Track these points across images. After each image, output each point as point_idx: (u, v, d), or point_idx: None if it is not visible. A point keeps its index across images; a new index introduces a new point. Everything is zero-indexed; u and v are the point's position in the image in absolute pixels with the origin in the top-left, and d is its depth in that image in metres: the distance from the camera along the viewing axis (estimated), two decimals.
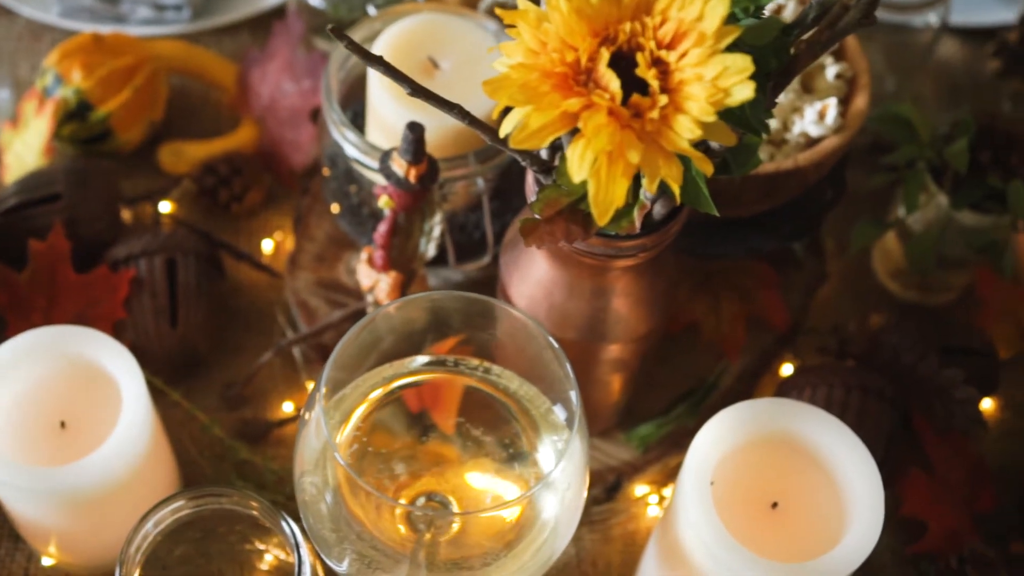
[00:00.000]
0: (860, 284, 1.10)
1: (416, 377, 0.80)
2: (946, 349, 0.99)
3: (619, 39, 0.62)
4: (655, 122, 0.61)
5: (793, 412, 0.80)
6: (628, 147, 0.60)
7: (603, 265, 0.78)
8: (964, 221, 0.99)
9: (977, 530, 0.98)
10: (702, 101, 0.60)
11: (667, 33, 0.61)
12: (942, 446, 0.98)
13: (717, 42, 0.60)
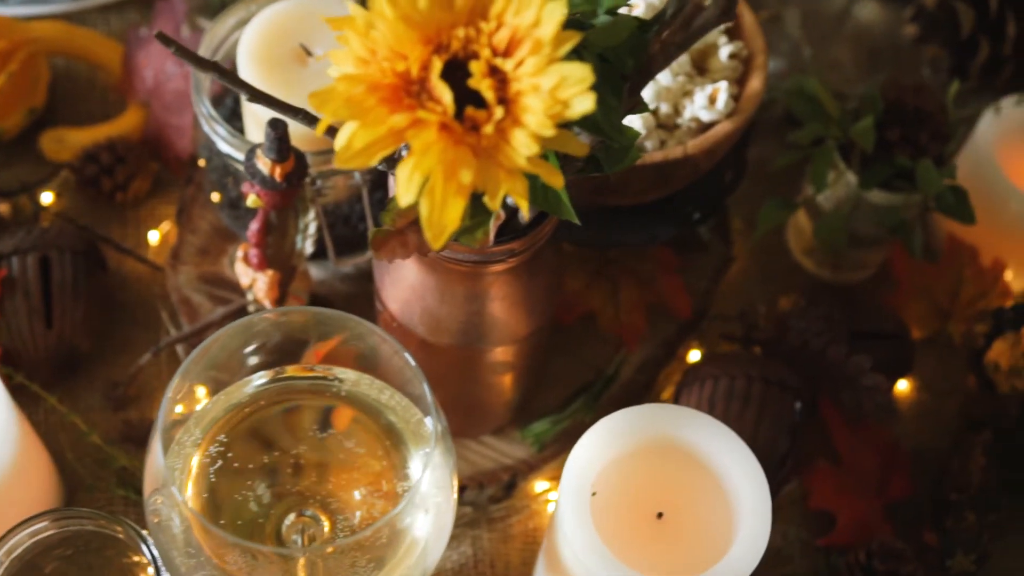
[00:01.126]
0: (774, 262, 1.07)
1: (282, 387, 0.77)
2: (857, 334, 0.96)
3: (453, 46, 0.57)
4: (491, 137, 0.56)
5: (678, 418, 0.76)
6: (461, 165, 0.56)
7: (473, 271, 0.74)
8: (874, 200, 0.96)
9: (890, 519, 0.95)
10: (540, 114, 0.56)
11: (503, 40, 0.57)
12: (851, 435, 0.95)
13: (555, 50, 0.55)
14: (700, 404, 0.90)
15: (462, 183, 0.56)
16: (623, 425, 0.76)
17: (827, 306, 0.96)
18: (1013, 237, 1.03)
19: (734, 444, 0.76)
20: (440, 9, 0.57)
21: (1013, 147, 1.03)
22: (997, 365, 0.95)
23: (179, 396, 0.70)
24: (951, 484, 0.94)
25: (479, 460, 0.92)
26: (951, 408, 1.02)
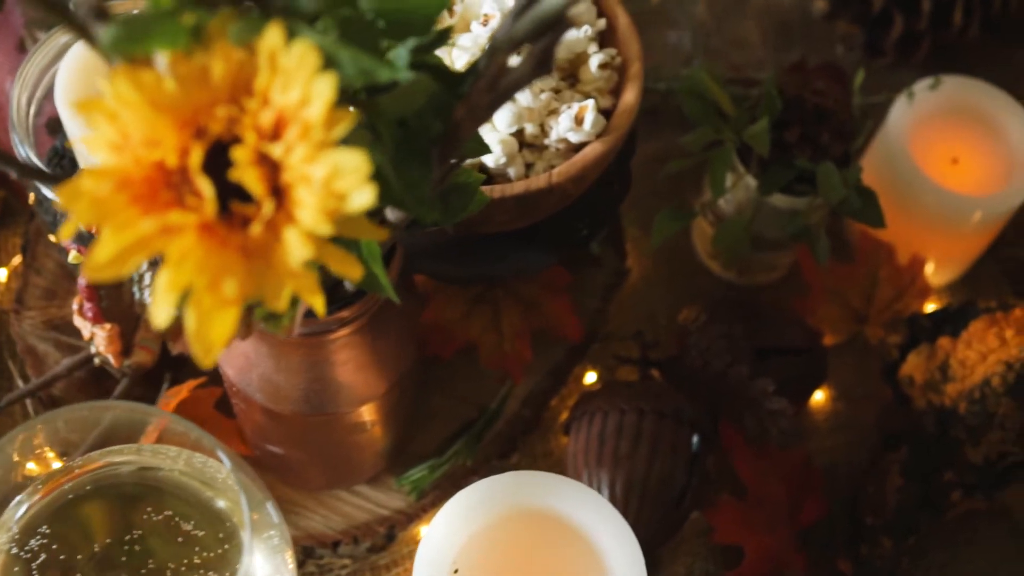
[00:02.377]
0: (679, 265, 0.99)
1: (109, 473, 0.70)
2: (762, 351, 0.88)
3: (215, 129, 0.49)
4: (262, 237, 0.48)
5: (541, 485, 0.70)
6: (225, 274, 0.48)
7: (306, 341, 0.66)
8: (777, 203, 0.88)
9: (803, 547, 0.88)
10: (314, 209, 0.48)
11: (269, 121, 0.49)
12: (757, 461, 0.88)
13: (326, 133, 0.47)
14: (589, 441, 0.83)
15: (227, 295, 0.48)
16: (482, 497, 0.69)
17: (728, 322, 0.88)
18: (931, 232, 0.95)
19: (602, 508, 0.70)
20: (195, 87, 0.49)
21: (928, 135, 0.95)
22: (912, 379, 0.88)
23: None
24: (866, 507, 0.87)
25: (353, 512, 0.85)
26: (868, 418, 0.95)
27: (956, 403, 0.86)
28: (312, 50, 0.47)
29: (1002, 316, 0.87)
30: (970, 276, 1.01)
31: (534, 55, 0.51)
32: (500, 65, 0.51)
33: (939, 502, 0.87)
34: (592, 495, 0.70)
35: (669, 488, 0.82)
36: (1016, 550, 0.92)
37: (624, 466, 0.81)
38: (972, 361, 0.86)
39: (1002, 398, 0.84)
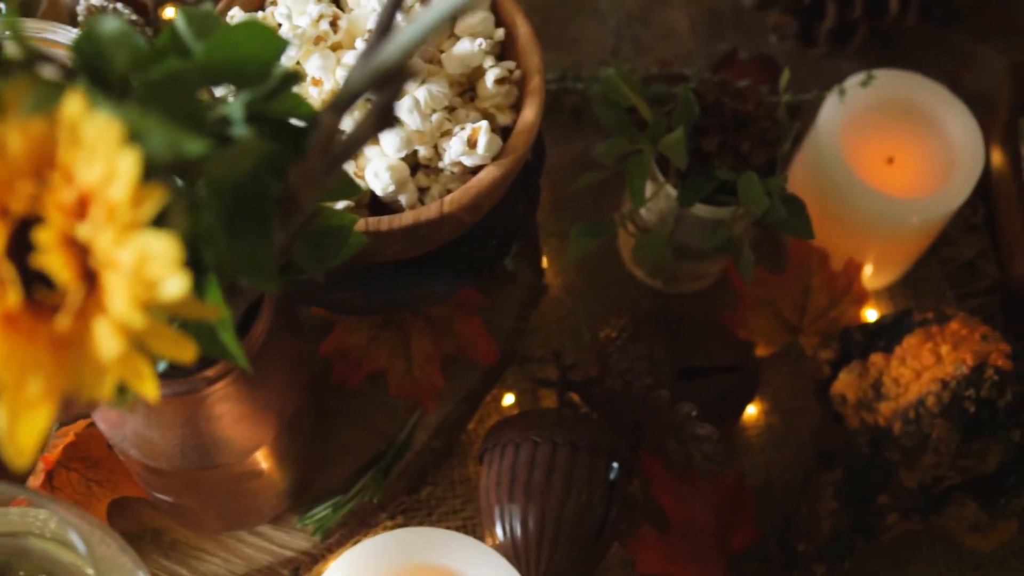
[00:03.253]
0: (605, 274, 0.94)
1: None
2: (687, 371, 0.84)
3: (17, 208, 0.44)
4: (71, 327, 0.44)
5: (433, 542, 0.65)
6: (32, 370, 0.43)
7: (171, 399, 0.62)
8: (699, 213, 0.83)
9: (736, 574, 0.84)
10: (124, 298, 0.43)
11: (74, 198, 0.44)
12: (681, 489, 0.83)
13: (134, 212, 0.42)
14: (501, 475, 0.78)
15: (34, 393, 0.43)
16: (369, 559, 0.65)
17: (650, 341, 0.84)
18: (867, 236, 0.90)
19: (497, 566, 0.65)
20: None
21: (861, 134, 0.90)
22: (844, 397, 0.84)
23: None
24: (798, 532, 0.83)
25: (254, 554, 0.80)
26: (804, 432, 0.91)
27: (890, 423, 0.82)
28: (113, 122, 0.42)
29: (937, 330, 0.82)
30: (911, 278, 0.96)
31: (374, 111, 0.46)
32: (329, 128, 0.46)
33: (874, 525, 0.83)
34: (485, 552, 0.65)
35: (586, 522, 0.78)
36: (958, 568, 0.88)
37: (537, 501, 0.77)
38: (906, 379, 0.82)
39: (936, 420, 0.79)
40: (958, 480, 0.81)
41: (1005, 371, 0.80)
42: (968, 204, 0.97)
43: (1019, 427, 0.80)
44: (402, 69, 0.45)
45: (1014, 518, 0.84)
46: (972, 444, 0.81)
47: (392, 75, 0.45)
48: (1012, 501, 0.82)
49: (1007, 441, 0.80)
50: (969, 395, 0.79)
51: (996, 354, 0.81)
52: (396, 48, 0.45)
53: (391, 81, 0.45)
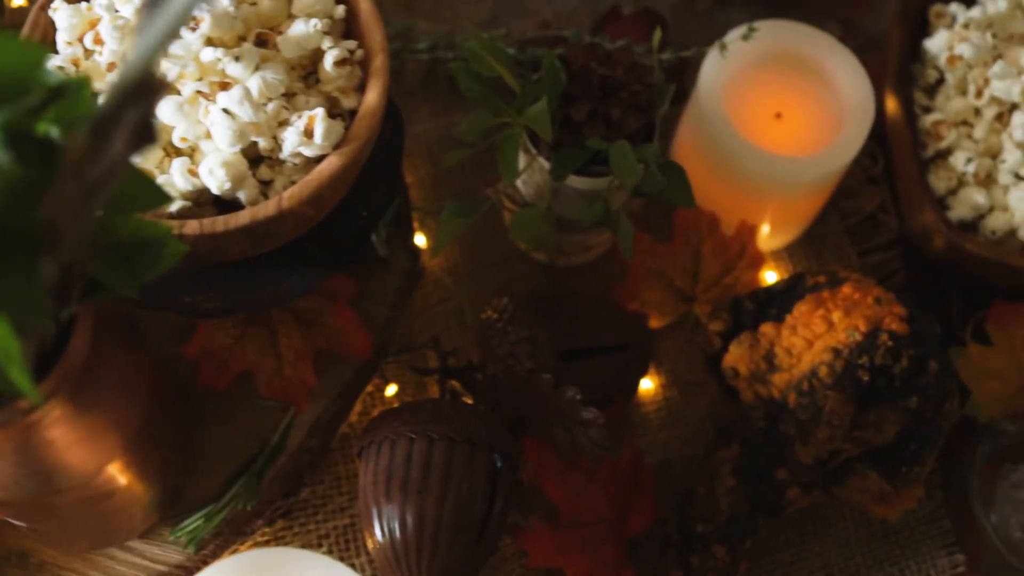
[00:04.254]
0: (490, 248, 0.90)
1: None
2: (574, 352, 0.80)
3: None
4: None
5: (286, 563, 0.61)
6: None
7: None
8: (575, 185, 0.79)
9: (633, 559, 0.81)
10: None
11: None
12: (571, 476, 0.80)
13: None
14: (378, 474, 0.75)
15: None
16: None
17: (531, 323, 0.80)
18: (758, 197, 0.86)
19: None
20: None
21: (745, 90, 0.86)
22: (736, 371, 0.80)
23: None
24: (697, 513, 0.80)
25: (126, 571, 0.76)
26: (704, 405, 0.87)
27: (785, 395, 0.78)
28: None
29: (829, 295, 0.79)
30: (812, 235, 0.92)
31: (129, 129, 0.42)
32: (74, 153, 0.41)
33: (775, 502, 0.80)
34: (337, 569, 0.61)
35: (467, 520, 0.74)
36: (868, 537, 0.85)
37: (415, 500, 0.73)
38: (798, 349, 0.78)
39: (828, 391, 0.76)
40: (855, 452, 0.78)
41: (900, 336, 0.77)
42: (867, 154, 0.93)
43: (916, 393, 0.77)
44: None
45: (919, 485, 0.81)
46: (868, 414, 0.77)
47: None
48: (914, 469, 0.79)
49: (904, 409, 0.77)
50: (863, 363, 0.76)
51: (890, 318, 0.77)
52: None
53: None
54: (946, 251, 0.86)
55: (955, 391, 0.79)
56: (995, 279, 0.86)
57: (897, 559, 0.85)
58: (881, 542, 0.85)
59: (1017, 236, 0.85)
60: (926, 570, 0.84)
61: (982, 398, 0.87)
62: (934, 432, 0.79)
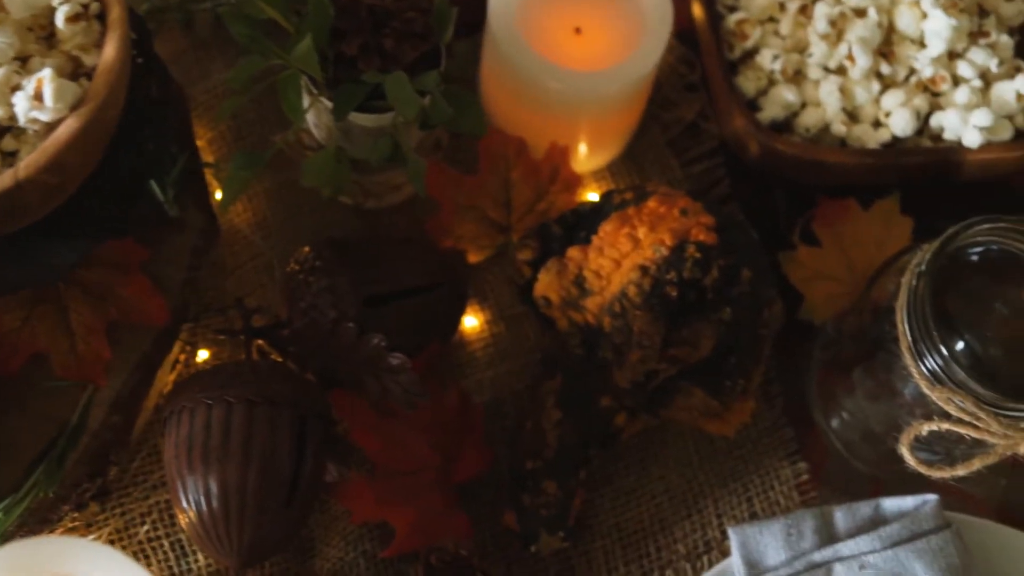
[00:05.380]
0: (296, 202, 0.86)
1: None
2: (380, 297, 0.77)
3: None
4: None
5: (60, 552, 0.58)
6: None
7: None
8: (361, 122, 0.75)
9: (465, 504, 0.79)
10: None
11: None
12: (389, 427, 0.77)
13: None
14: (179, 445, 0.72)
15: None
16: None
17: (331, 272, 0.76)
18: (566, 116, 0.83)
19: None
20: None
21: (541, 7, 0.82)
22: (548, 300, 0.77)
23: None
24: (525, 449, 0.77)
25: None
26: (531, 338, 0.84)
27: (599, 320, 0.76)
28: None
29: (634, 212, 0.76)
30: (633, 150, 0.89)
31: None
32: None
33: (604, 430, 0.77)
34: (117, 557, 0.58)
35: (275, 483, 0.71)
36: (711, 454, 0.83)
37: (216, 469, 0.70)
38: (607, 270, 0.75)
39: (636, 311, 0.73)
40: (673, 371, 0.75)
41: (708, 246, 0.74)
42: (684, 61, 0.90)
43: (729, 304, 0.75)
44: None
45: (749, 398, 0.79)
46: (682, 330, 0.75)
47: None
48: (739, 382, 0.77)
49: (718, 322, 0.75)
50: (671, 278, 0.73)
51: (697, 229, 0.75)
52: None
53: None
54: (761, 155, 0.83)
55: (774, 297, 0.77)
56: (813, 178, 0.84)
57: (740, 474, 0.82)
58: (724, 458, 0.83)
59: (831, 131, 0.83)
60: (769, 482, 0.82)
61: (815, 301, 0.85)
62: (754, 342, 0.77)
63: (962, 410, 0.68)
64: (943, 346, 0.67)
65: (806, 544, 0.75)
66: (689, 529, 0.81)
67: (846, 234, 0.85)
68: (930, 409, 0.70)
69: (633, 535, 0.81)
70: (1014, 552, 0.77)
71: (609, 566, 0.80)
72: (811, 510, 0.76)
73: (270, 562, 0.78)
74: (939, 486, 0.81)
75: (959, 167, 0.82)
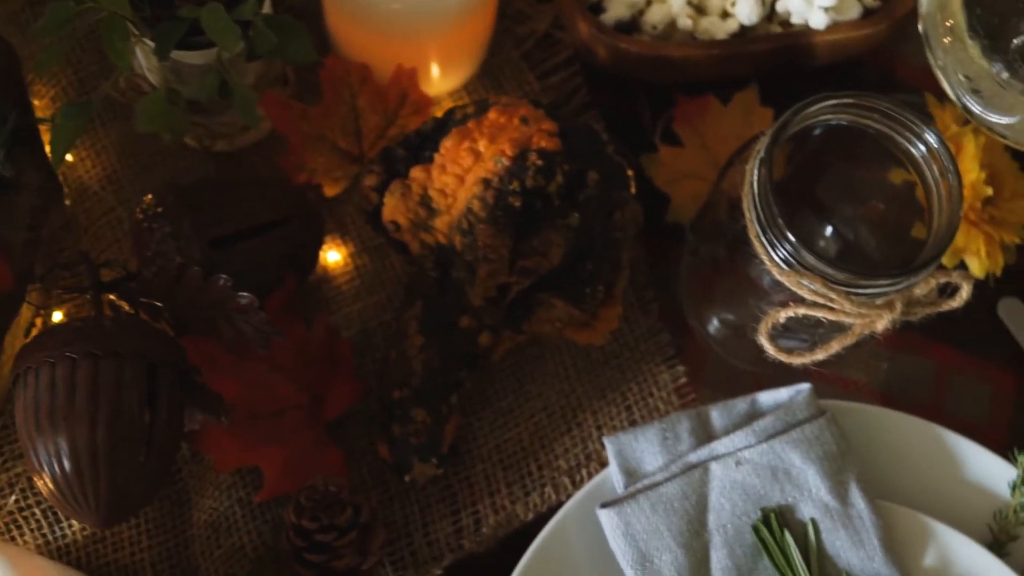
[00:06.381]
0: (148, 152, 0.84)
1: None
2: (220, 242, 0.75)
3: None
4: None
5: None
6: None
7: None
8: (186, 60, 0.73)
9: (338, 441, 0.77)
10: None
11: None
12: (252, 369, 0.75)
13: None
14: (27, 409, 0.70)
15: None
16: None
17: (174, 217, 0.74)
18: (410, 37, 0.81)
19: None
20: None
21: None
22: (397, 224, 0.76)
23: None
24: (392, 379, 0.76)
25: None
26: (398, 267, 0.83)
27: (451, 239, 0.74)
28: None
29: (475, 125, 0.74)
30: (489, 67, 0.87)
31: None
32: None
33: (470, 352, 0.76)
34: None
35: (127, 438, 0.69)
36: (588, 365, 0.82)
37: (64, 429, 0.68)
38: (452, 187, 0.74)
39: (480, 226, 0.71)
40: (526, 283, 0.74)
41: (551, 152, 0.72)
42: None
43: (576, 209, 0.73)
44: None
45: (615, 303, 0.77)
46: (531, 240, 0.73)
47: None
48: (598, 288, 0.75)
49: (567, 228, 0.73)
50: (514, 188, 0.72)
51: (538, 136, 0.73)
52: None
53: None
54: (609, 57, 0.81)
55: (627, 199, 0.75)
56: (666, 76, 0.82)
57: (618, 384, 0.81)
58: (601, 370, 0.81)
59: (678, 27, 0.81)
60: (648, 388, 0.81)
61: (682, 201, 0.83)
62: (609, 246, 0.75)
63: (815, 293, 0.66)
64: (790, 232, 0.65)
65: (683, 446, 0.74)
66: (570, 444, 0.80)
67: (707, 131, 0.83)
68: (787, 297, 0.69)
69: (514, 456, 0.79)
70: (897, 434, 0.76)
71: (491, 489, 0.79)
72: (687, 412, 0.75)
73: (145, 519, 0.77)
74: (824, 377, 0.81)
75: (810, 50, 0.81)
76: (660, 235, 0.84)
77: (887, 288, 0.66)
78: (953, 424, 0.78)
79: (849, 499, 0.72)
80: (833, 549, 0.72)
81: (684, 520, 0.71)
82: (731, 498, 0.72)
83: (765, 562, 0.72)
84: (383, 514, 0.78)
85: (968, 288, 0.67)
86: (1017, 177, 0.83)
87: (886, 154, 0.71)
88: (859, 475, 0.73)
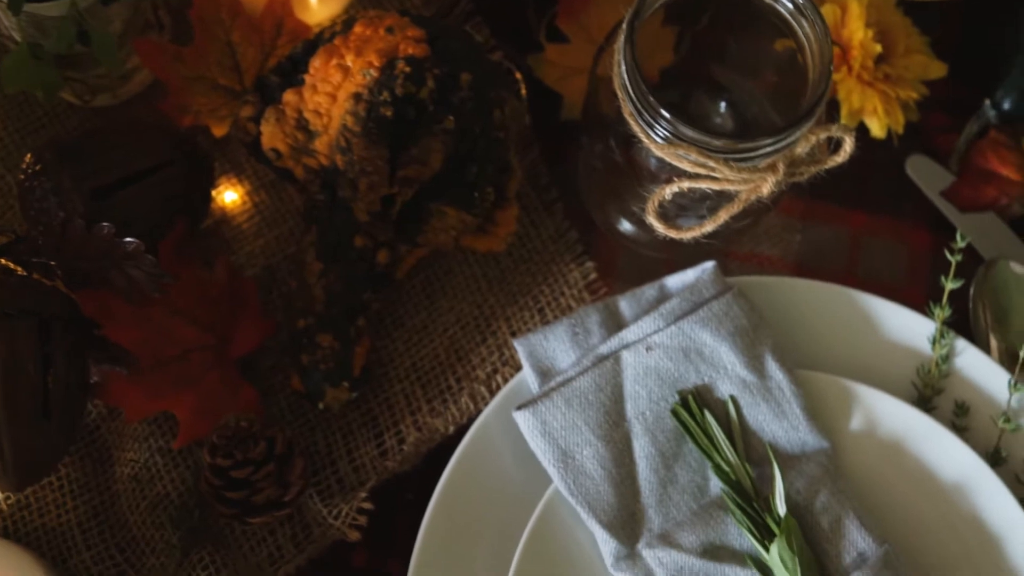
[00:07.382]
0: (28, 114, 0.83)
1: None
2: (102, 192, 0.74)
3: None
4: None
5: None
6: None
7: None
8: (40, 12, 0.72)
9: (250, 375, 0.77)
10: None
11: None
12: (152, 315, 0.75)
13: None
14: None
15: None
16: None
17: (54, 172, 0.73)
18: None
19: None
20: None
21: None
22: (278, 152, 0.74)
23: None
24: (296, 308, 0.75)
25: None
26: (297, 200, 0.82)
27: (332, 159, 0.73)
28: None
29: (341, 41, 0.73)
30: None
31: None
32: None
33: (371, 271, 0.75)
34: None
35: (22, 398, 0.68)
36: (499, 273, 0.81)
37: None
38: (325, 106, 0.72)
39: (355, 140, 0.70)
40: (411, 193, 0.73)
41: (419, 59, 0.71)
42: None
43: (451, 111, 0.72)
44: None
45: (509, 206, 0.76)
46: (411, 150, 0.72)
47: None
48: (486, 191, 0.74)
49: (443, 132, 0.72)
50: (384, 99, 0.70)
51: (405, 43, 0.72)
52: None
53: None
54: None
55: (504, 98, 0.74)
56: None
57: (529, 287, 0.80)
58: (511, 275, 0.80)
59: None
60: (559, 288, 0.80)
61: (573, 98, 0.82)
62: (492, 146, 0.74)
63: (695, 164, 0.65)
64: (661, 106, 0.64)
65: (594, 339, 0.73)
66: (486, 353, 0.79)
67: (591, 23, 0.82)
68: (673, 174, 0.67)
69: (431, 372, 0.79)
70: (811, 302, 0.75)
71: (412, 407, 0.78)
72: (595, 304, 0.74)
73: (68, 480, 0.76)
74: (737, 256, 0.79)
75: None
76: (556, 134, 0.82)
77: (767, 149, 0.65)
78: (872, 287, 0.77)
79: (766, 371, 0.71)
80: (756, 423, 0.71)
81: (601, 412, 0.70)
82: (646, 384, 0.71)
83: (689, 444, 0.71)
84: (305, 445, 0.77)
85: (851, 140, 0.66)
86: (910, 33, 0.82)
87: (769, 25, 0.70)
88: (774, 347, 0.72)
